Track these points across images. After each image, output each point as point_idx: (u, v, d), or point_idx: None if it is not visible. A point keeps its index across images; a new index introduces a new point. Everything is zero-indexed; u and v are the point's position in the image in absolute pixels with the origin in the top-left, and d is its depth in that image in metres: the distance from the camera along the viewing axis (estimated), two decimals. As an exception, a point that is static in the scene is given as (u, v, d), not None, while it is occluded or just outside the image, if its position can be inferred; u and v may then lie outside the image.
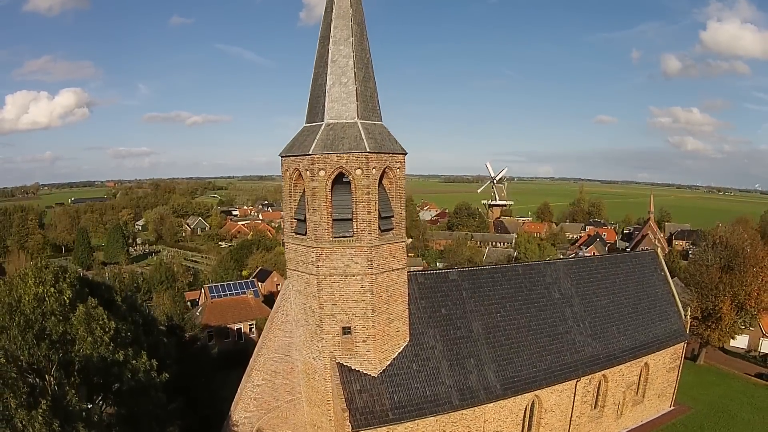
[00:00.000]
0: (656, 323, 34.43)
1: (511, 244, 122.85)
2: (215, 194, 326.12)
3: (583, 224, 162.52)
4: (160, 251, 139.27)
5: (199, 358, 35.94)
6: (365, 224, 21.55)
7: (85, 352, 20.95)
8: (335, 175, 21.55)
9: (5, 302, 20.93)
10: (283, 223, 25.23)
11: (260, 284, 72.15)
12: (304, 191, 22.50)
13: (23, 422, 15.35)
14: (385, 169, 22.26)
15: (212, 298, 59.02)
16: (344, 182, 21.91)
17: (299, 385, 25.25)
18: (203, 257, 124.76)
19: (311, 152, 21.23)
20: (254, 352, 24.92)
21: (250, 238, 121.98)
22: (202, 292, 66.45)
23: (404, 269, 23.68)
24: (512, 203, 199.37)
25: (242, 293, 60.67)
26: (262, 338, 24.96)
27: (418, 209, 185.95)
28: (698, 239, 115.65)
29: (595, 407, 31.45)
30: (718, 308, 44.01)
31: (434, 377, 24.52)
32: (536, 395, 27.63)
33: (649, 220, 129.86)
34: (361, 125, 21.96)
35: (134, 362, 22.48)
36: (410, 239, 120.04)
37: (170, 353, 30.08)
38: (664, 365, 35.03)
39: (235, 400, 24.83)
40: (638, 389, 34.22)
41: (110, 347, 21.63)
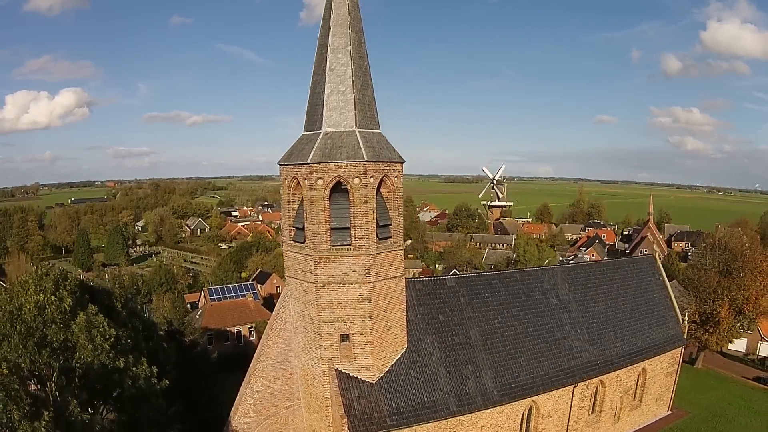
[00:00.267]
0: (654, 328, 34.59)
1: (510, 245, 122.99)
2: (215, 195, 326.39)
3: (582, 225, 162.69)
4: (159, 252, 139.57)
5: (198, 362, 36.13)
6: (363, 233, 21.70)
7: (85, 359, 21.11)
8: (333, 183, 21.69)
9: (6, 310, 21.07)
10: (282, 230, 25.37)
11: (260, 286, 72.32)
12: (302, 199, 22.65)
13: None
14: (383, 177, 22.41)
15: (212, 301, 59.20)
16: (342, 191, 22.03)
17: (298, 391, 25.40)
18: (203, 258, 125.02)
19: (309, 161, 21.37)
20: (253, 358, 25.07)
21: (249, 239, 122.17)
22: (201, 294, 66.65)
23: (402, 277, 23.84)
24: (512, 204, 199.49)
25: (242, 296, 60.84)
26: (261, 345, 25.11)
27: (417, 210, 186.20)
28: (697, 241, 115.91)
29: (592, 412, 31.61)
30: (716, 312, 44.18)
31: (432, 383, 24.68)
32: (533, 401, 27.79)
33: (648, 221, 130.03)
34: (359, 134, 22.10)
35: (135, 369, 22.65)
36: (409, 240, 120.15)
37: (170, 358, 30.27)
38: (661, 370, 35.20)
39: (234, 405, 24.99)
40: (635, 394, 34.39)
41: (111, 354, 21.79)
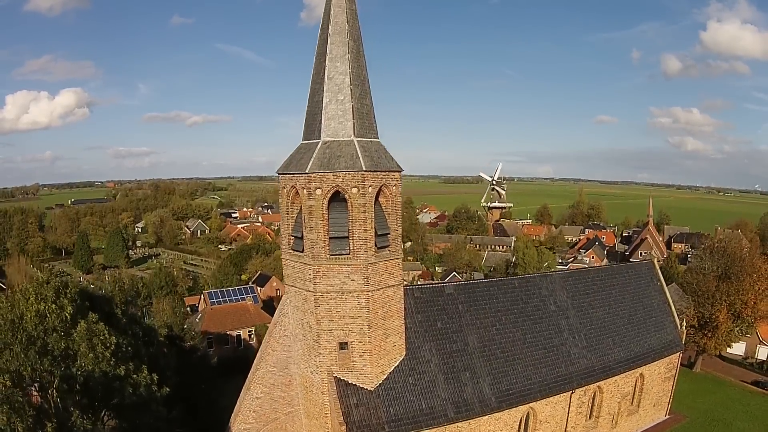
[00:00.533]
0: (652, 334, 34.73)
1: (510, 247, 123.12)
2: (215, 195, 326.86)
3: (582, 227, 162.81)
4: (159, 254, 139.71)
5: (198, 367, 36.28)
6: (361, 242, 21.84)
7: (87, 367, 21.29)
8: (332, 193, 21.83)
9: (8, 319, 21.29)
10: (281, 239, 25.51)
11: (259, 289, 72.57)
12: (301, 208, 22.80)
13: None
14: (381, 186, 22.54)
15: (212, 304, 59.35)
16: (341, 200, 22.16)
17: (297, 397, 25.57)
18: (203, 261, 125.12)
19: (308, 171, 21.49)
20: (253, 365, 25.23)
21: (249, 242, 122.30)
22: (201, 297, 66.80)
23: (400, 285, 23.99)
24: (511, 205, 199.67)
25: (241, 299, 61.04)
26: (260, 352, 25.27)
27: (417, 211, 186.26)
28: (697, 242, 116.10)
29: (589, 418, 31.77)
30: (714, 317, 44.24)
31: (430, 390, 24.84)
32: (531, 407, 27.96)
33: (648, 223, 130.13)
34: (357, 143, 22.22)
35: (135, 377, 22.83)
36: (409, 242, 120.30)
37: (170, 364, 30.47)
38: (659, 375, 35.34)
39: (234, 411, 25.15)
40: (633, 399, 34.53)
41: (111, 362, 21.98)
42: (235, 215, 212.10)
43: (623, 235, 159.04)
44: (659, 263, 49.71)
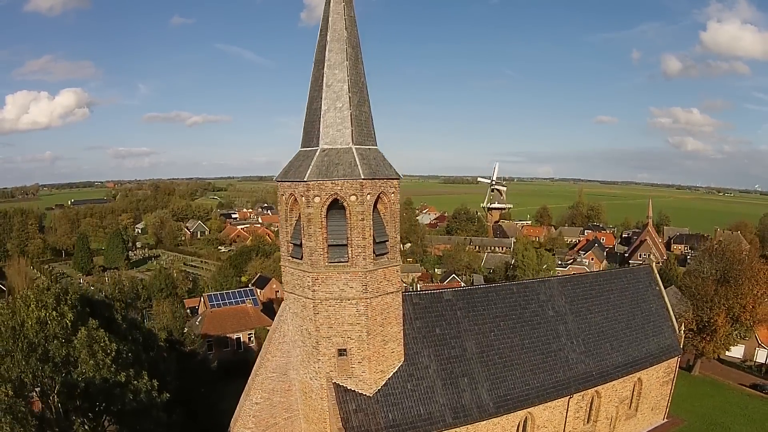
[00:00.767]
0: (650, 338, 34.85)
1: (509, 249, 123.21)
2: (215, 196, 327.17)
3: (581, 228, 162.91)
4: (159, 256, 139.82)
5: (198, 371, 36.45)
6: (360, 250, 21.95)
7: (87, 374, 21.44)
8: (330, 201, 21.94)
9: (8, 326, 21.42)
10: (280, 245, 25.63)
11: (259, 291, 72.69)
12: (300, 216, 22.93)
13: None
14: (379, 194, 22.63)
15: (211, 307, 59.51)
16: (339, 208, 22.25)
17: (297, 403, 25.70)
18: (203, 262, 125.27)
19: (306, 179, 21.57)
20: (252, 371, 25.36)
21: (249, 243, 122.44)
22: (201, 300, 66.95)
23: (399, 292, 24.11)
24: (511, 206, 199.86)
25: (241, 302, 61.20)
26: (260, 358, 25.40)
27: (417, 212, 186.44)
28: (696, 244, 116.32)
29: (587, 422, 31.91)
30: (713, 321, 44.39)
31: (428, 396, 24.96)
32: (529, 412, 28.08)
33: (647, 225, 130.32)
34: (355, 151, 22.31)
35: (136, 383, 22.97)
36: (409, 244, 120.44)
37: (170, 369, 30.64)
38: (657, 379, 35.47)
39: (234, 416, 25.29)
40: (631, 403, 34.65)
41: (112, 369, 22.13)
42: (234, 216, 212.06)
43: (623, 236, 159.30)
44: (658, 266, 49.92)
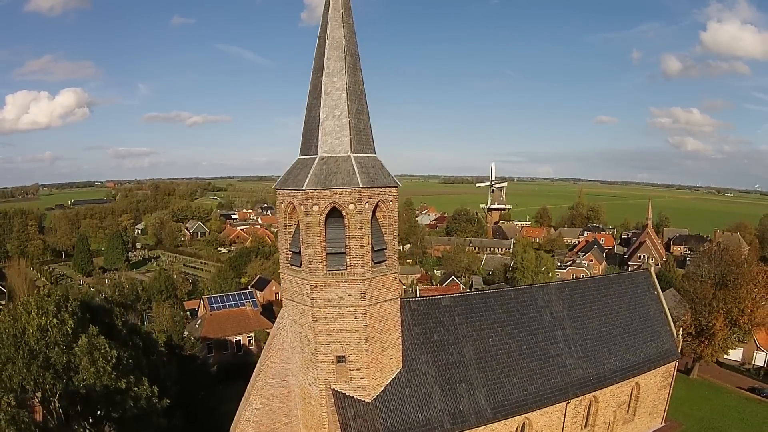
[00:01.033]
0: (648, 343, 34.97)
1: (509, 250, 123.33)
2: (215, 196, 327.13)
3: (581, 229, 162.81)
4: (159, 257, 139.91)
5: (198, 375, 36.60)
6: (358, 258, 22.08)
7: (88, 381, 21.60)
8: (329, 209, 22.06)
9: (10, 333, 21.59)
10: (279, 253, 25.73)
11: (259, 293, 72.84)
12: (298, 224, 23.05)
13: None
14: (378, 202, 22.75)
15: (211, 309, 59.67)
16: (338, 216, 22.34)
17: (296, 409, 25.82)
18: (202, 263, 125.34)
19: (305, 187, 21.66)
20: (252, 377, 25.50)
21: (249, 244, 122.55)
22: (201, 302, 67.09)
23: (397, 299, 24.24)
24: (510, 207, 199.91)
25: (241, 305, 61.33)
26: (259, 364, 25.54)
27: (416, 212, 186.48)
28: (696, 245, 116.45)
29: (585, 427, 32.02)
30: (711, 324, 44.51)
31: (426, 402, 25.09)
32: (527, 417, 28.21)
33: (647, 226, 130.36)
34: (354, 159, 22.40)
35: (136, 389, 23.17)
36: (408, 245, 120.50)
37: (170, 374, 30.81)
38: (655, 384, 35.58)
39: (234, 421, 25.41)
40: (629, 408, 34.79)
41: (113, 376, 22.30)
42: (234, 216, 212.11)
43: (622, 237, 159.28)
44: (657, 267, 50.08)
